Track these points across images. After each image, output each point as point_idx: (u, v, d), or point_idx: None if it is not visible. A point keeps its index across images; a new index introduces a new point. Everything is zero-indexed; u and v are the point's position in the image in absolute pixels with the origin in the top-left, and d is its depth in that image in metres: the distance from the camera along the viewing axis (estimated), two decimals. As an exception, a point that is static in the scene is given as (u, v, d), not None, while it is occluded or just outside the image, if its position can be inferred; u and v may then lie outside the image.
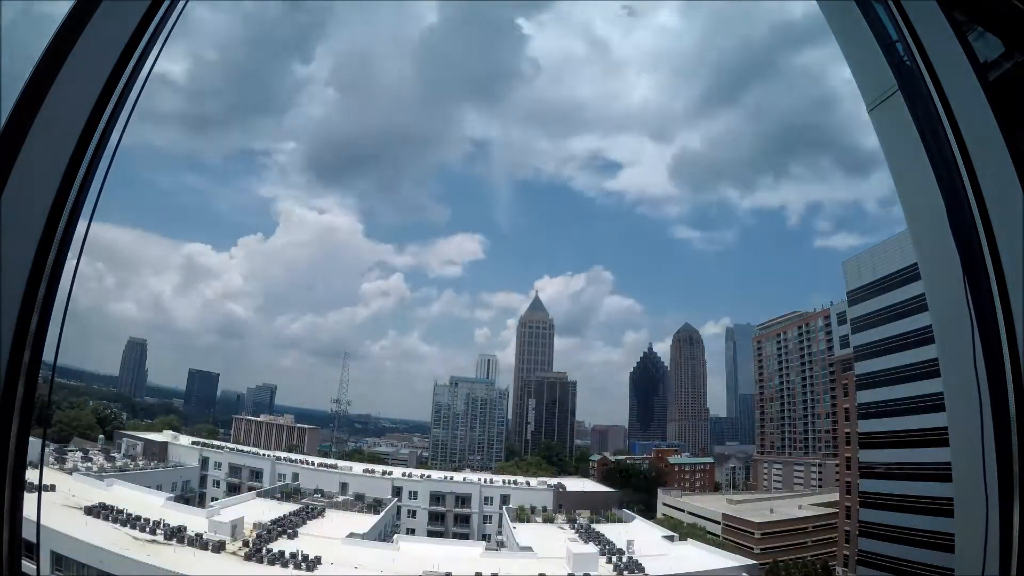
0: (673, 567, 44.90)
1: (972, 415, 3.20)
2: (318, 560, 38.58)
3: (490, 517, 68.29)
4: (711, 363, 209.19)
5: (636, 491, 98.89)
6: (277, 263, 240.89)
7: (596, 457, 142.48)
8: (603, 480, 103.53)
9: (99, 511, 42.10)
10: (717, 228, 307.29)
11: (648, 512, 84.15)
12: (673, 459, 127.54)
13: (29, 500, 2.67)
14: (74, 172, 2.62)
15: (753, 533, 74.78)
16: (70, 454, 68.74)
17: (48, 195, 2.55)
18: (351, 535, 46.04)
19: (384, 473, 76.48)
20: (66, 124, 2.62)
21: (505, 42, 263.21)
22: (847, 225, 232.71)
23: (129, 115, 2.93)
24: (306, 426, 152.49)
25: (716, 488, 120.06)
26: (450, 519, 68.16)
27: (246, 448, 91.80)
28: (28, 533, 2.76)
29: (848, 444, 75.34)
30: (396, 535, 52.97)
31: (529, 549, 47.05)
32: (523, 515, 63.82)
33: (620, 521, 63.84)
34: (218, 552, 39.13)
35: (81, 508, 42.07)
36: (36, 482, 4.19)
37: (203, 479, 72.71)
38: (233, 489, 69.58)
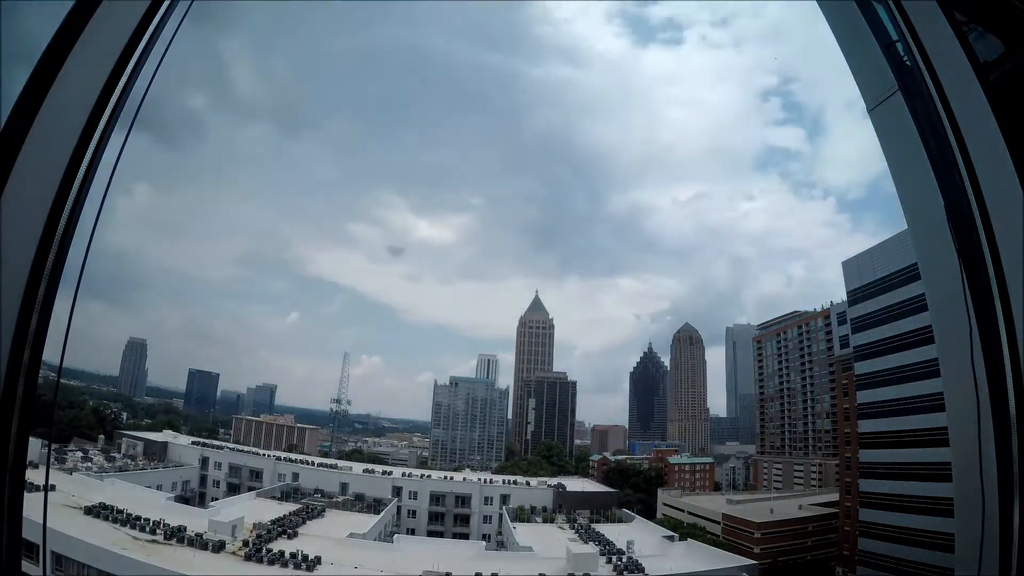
0: (673, 567, 44.92)
1: (972, 415, 3.20)
2: (318, 560, 38.59)
3: (490, 517, 68.25)
4: (711, 363, 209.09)
5: (636, 491, 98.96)
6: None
7: (596, 457, 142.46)
8: (603, 480, 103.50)
9: (99, 511, 42.09)
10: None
11: (648, 512, 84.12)
12: (673, 459, 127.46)
13: (31, 500, 2.67)
14: (74, 172, 2.62)
15: (753, 533, 74.73)
16: (70, 454, 68.73)
17: (48, 195, 2.55)
18: (351, 535, 46.04)
19: (384, 473, 76.44)
20: (66, 124, 2.62)
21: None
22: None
23: (133, 116, 2.93)
24: (306, 426, 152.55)
25: (716, 488, 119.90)
26: (450, 519, 68.13)
27: (246, 448, 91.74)
28: (32, 534, 2.77)
29: (848, 444, 75.40)
30: (396, 535, 52.94)
31: (529, 549, 47.06)
32: (523, 515, 63.80)
33: (620, 521, 63.83)
34: (218, 552, 39.14)
35: (81, 508, 42.08)
36: (35, 482, 4.19)
37: (203, 479, 72.65)
38: (233, 489, 69.54)
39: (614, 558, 44.67)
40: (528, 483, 76.54)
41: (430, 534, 62.61)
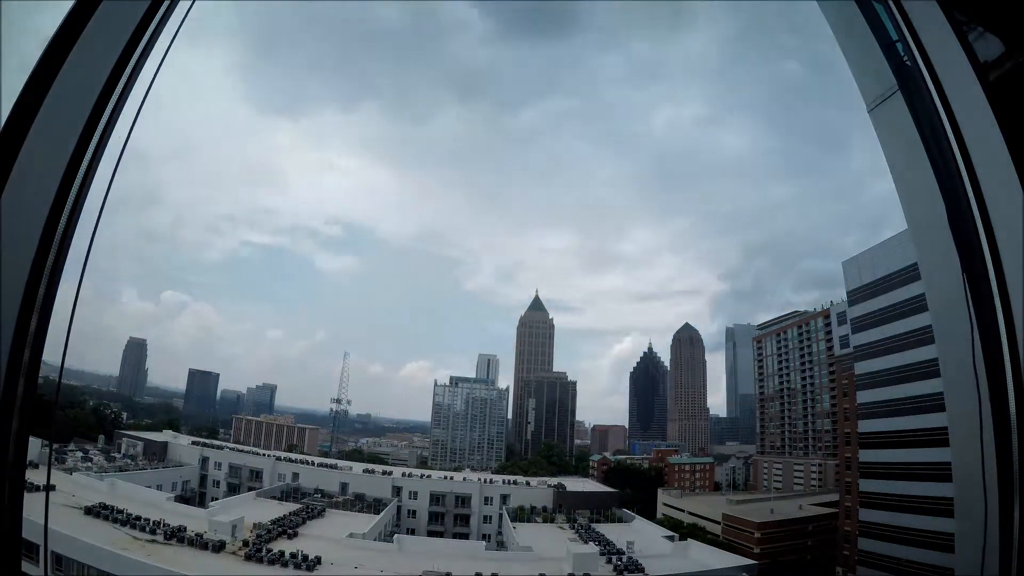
0: (673, 567, 44.90)
1: (972, 415, 3.20)
2: (318, 560, 38.57)
3: (490, 517, 68.24)
4: (711, 363, 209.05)
5: (636, 491, 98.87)
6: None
7: (596, 457, 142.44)
8: (603, 480, 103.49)
9: (99, 511, 42.09)
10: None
11: (648, 512, 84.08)
12: (673, 459, 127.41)
13: (31, 500, 2.67)
14: (74, 172, 2.62)
15: (753, 533, 74.74)
16: (70, 454, 68.73)
17: (48, 195, 2.55)
18: (351, 535, 46.02)
19: (384, 473, 76.43)
20: (66, 124, 2.62)
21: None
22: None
23: (135, 117, 2.93)
24: (306, 426, 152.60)
25: (716, 488, 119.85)
26: (450, 519, 68.12)
27: (246, 448, 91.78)
28: (32, 534, 2.77)
29: (848, 444, 75.37)
30: (396, 535, 52.90)
31: (529, 549, 47.04)
32: (523, 515, 63.78)
33: (620, 521, 63.82)
34: (218, 552, 39.12)
35: (81, 508, 42.07)
36: (35, 482, 4.19)
37: (203, 479, 72.65)
38: (233, 489, 69.52)
39: (614, 558, 44.64)
40: (528, 483, 76.47)
41: (430, 534, 62.57)
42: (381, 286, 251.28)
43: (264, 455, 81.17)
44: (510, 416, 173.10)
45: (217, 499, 61.24)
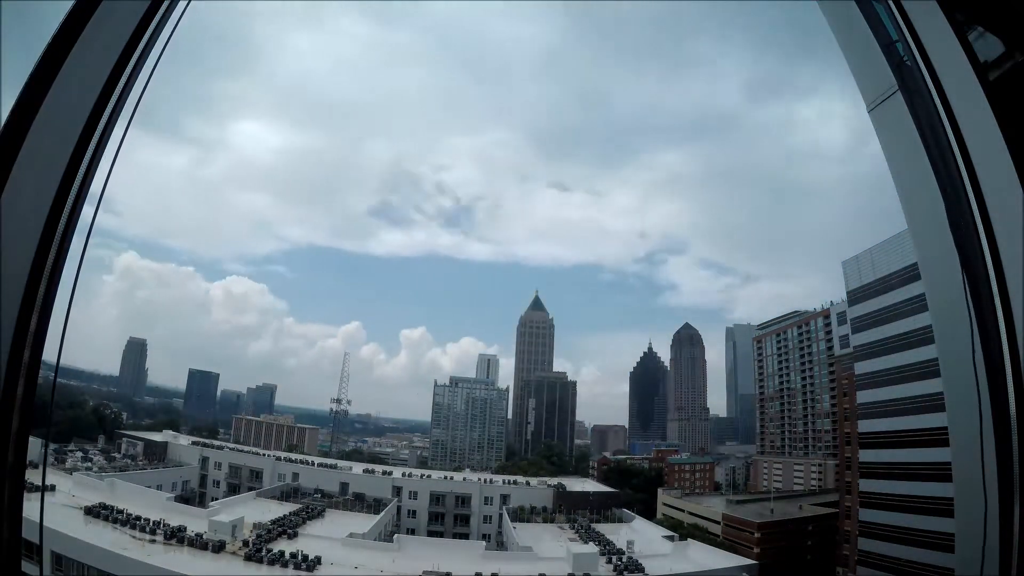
0: (673, 567, 44.90)
1: (972, 415, 3.20)
2: (318, 560, 38.57)
3: (490, 517, 68.26)
4: (711, 363, 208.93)
5: (636, 491, 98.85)
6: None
7: (596, 457, 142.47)
8: (603, 480, 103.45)
9: (99, 511, 42.10)
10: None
11: (648, 512, 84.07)
12: (673, 459, 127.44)
13: (30, 500, 2.67)
14: (74, 172, 2.62)
15: (753, 533, 74.74)
16: (70, 454, 68.73)
17: (48, 195, 2.55)
18: (351, 535, 46.02)
19: (384, 473, 76.44)
20: (66, 124, 2.62)
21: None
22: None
23: (131, 116, 2.93)
24: (306, 426, 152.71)
25: (716, 488, 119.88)
26: (450, 519, 68.13)
27: (246, 448, 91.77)
28: (33, 534, 2.77)
29: (848, 444, 75.34)
30: (396, 535, 52.89)
31: (529, 549, 47.04)
32: (523, 515, 63.79)
33: (620, 521, 63.82)
34: (218, 552, 39.11)
35: (81, 508, 42.08)
36: (36, 482, 4.19)
37: (203, 479, 72.67)
38: (233, 489, 69.55)
39: (614, 558, 44.64)
40: (528, 483, 76.46)
41: (430, 534, 62.57)
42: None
43: (264, 455, 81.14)
44: (510, 416, 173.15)
45: (217, 499, 61.25)
